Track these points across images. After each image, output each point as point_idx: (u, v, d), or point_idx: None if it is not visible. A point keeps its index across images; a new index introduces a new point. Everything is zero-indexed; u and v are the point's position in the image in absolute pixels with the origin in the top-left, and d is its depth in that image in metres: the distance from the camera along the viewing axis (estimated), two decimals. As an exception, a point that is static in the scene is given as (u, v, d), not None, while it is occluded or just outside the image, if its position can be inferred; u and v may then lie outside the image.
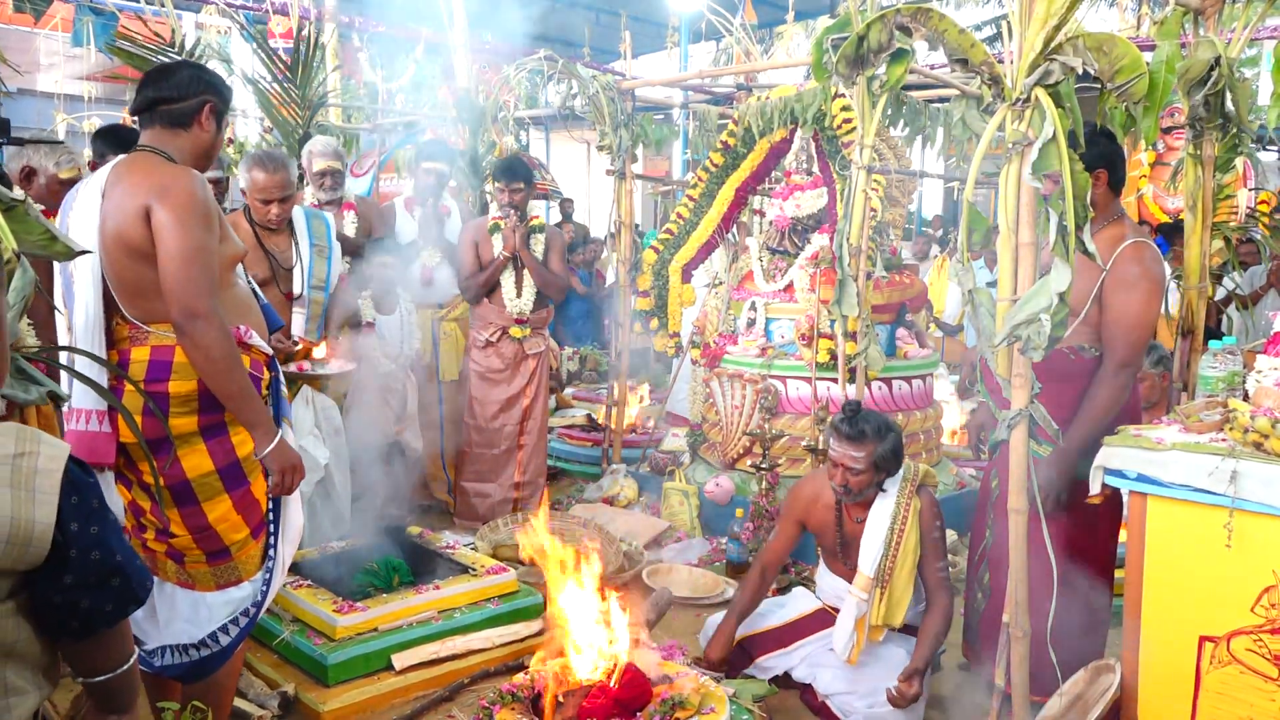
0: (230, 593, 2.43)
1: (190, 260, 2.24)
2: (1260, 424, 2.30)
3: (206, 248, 2.28)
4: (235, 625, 2.43)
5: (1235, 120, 3.39)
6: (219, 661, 2.42)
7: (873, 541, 2.95)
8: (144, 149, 2.39)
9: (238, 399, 2.34)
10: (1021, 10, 2.24)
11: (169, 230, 2.24)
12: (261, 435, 2.39)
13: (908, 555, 2.94)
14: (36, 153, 3.50)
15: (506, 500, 4.88)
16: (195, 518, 2.37)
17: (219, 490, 2.38)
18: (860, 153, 3.57)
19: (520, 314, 4.77)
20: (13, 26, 11.90)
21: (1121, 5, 13.03)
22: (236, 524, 2.41)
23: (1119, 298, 2.78)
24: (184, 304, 2.24)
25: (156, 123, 2.41)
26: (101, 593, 1.27)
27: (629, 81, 5.49)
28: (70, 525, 1.22)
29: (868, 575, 2.93)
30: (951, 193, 14.50)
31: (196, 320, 2.24)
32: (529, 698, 2.50)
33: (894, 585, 2.94)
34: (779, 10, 12.39)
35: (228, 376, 2.30)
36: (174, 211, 2.24)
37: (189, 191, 2.27)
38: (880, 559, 2.93)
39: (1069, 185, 2.20)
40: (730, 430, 4.83)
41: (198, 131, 2.43)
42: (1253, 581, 2.29)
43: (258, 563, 2.47)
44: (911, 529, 2.94)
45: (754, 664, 3.20)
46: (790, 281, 4.85)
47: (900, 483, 2.99)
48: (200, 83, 2.43)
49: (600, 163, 6.00)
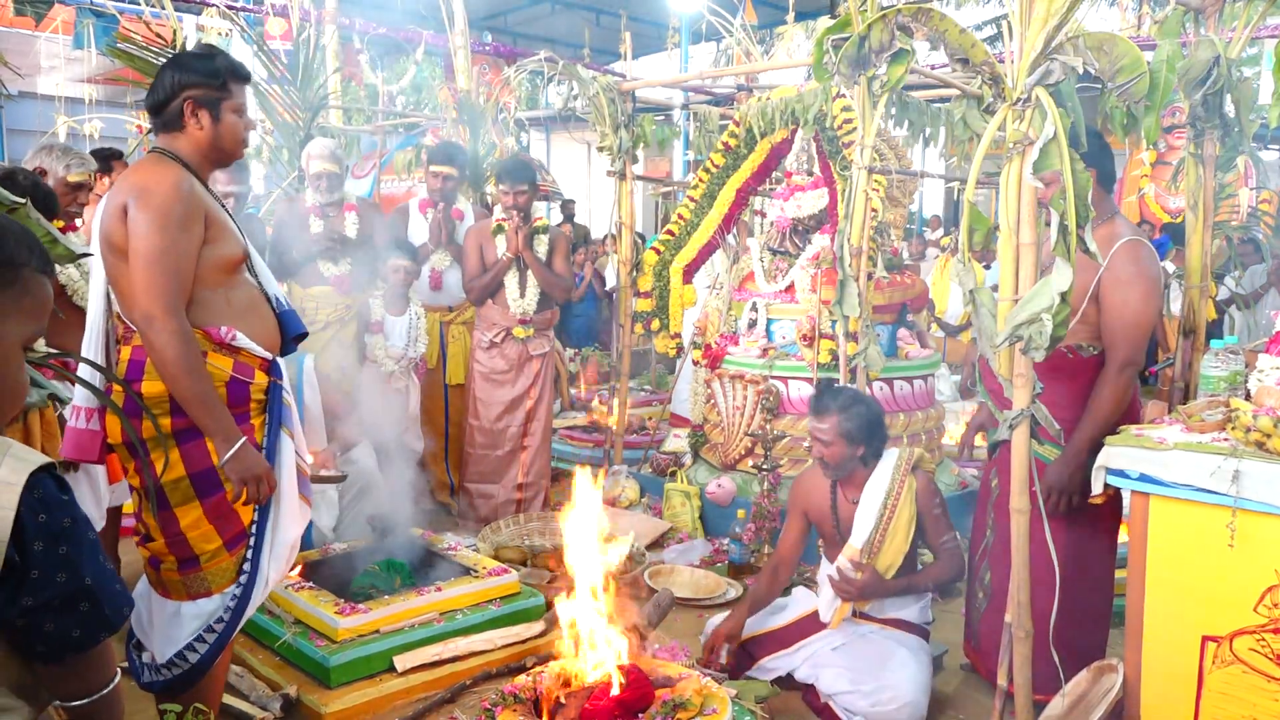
0: (200, 604, 2.37)
1: (153, 262, 2.22)
2: (1262, 423, 2.29)
3: (173, 250, 2.24)
4: (203, 642, 2.36)
5: (1235, 120, 3.38)
6: (195, 677, 2.37)
7: (866, 516, 3.06)
8: (153, 149, 2.40)
9: (193, 404, 2.28)
10: (1022, 10, 2.24)
11: (137, 230, 2.23)
12: (220, 442, 2.31)
13: (898, 531, 3.04)
14: (50, 155, 3.62)
15: (510, 501, 4.88)
16: (168, 523, 2.34)
17: (190, 496, 2.33)
18: (861, 153, 3.57)
19: (524, 315, 4.78)
20: (14, 29, 11.91)
21: (1122, 5, 13.03)
22: (208, 533, 2.35)
23: (1116, 297, 2.77)
24: (142, 306, 2.23)
25: (158, 129, 2.41)
26: (67, 617, 1.21)
27: (629, 82, 5.50)
28: (33, 545, 1.17)
29: (856, 546, 3.05)
30: (952, 193, 14.50)
31: (152, 322, 2.22)
32: (531, 699, 2.49)
33: (880, 558, 3.04)
34: (779, 11, 12.39)
35: (182, 381, 2.25)
36: (145, 211, 2.23)
37: (164, 193, 2.24)
38: (870, 532, 3.04)
39: (1070, 185, 2.20)
40: (732, 431, 4.83)
41: (193, 130, 2.39)
42: (1255, 581, 2.29)
43: (230, 576, 2.38)
44: (905, 505, 3.04)
45: (757, 665, 3.20)
46: (791, 282, 4.85)
47: (895, 462, 3.10)
48: (174, 81, 2.37)
49: (601, 164, 6.01)
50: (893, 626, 3.12)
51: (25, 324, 1.32)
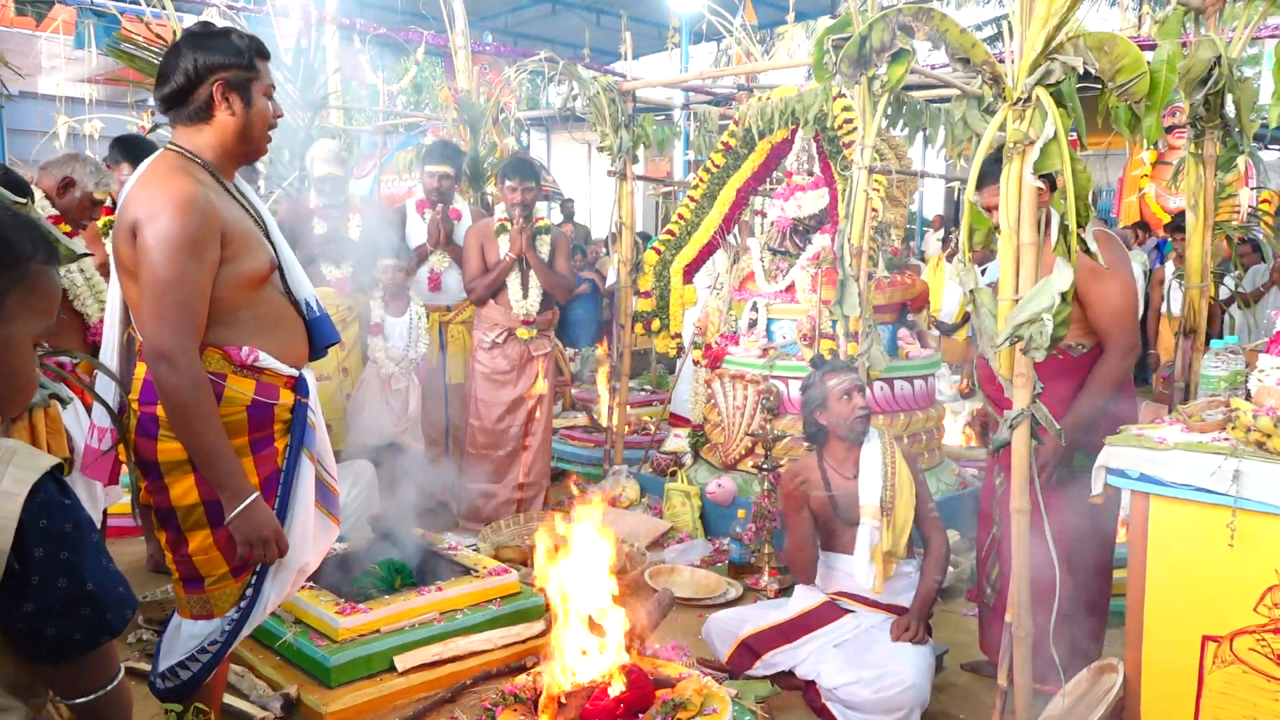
0: (200, 625, 2.27)
1: (161, 295, 2.03)
2: (1262, 423, 2.29)
3: (184, 281, 2.04)
4: (195, 661, 2.27)
5: (1235, 119, 3.38)
6: (189, 690, 2.31)
7: (870, 477, 3.21)
8: (171, 148, 2.19)
9: (200, 453, 2.11)
10: (1022, 10, 2.24)
11: (146, 258, 2.04)
12: (229, 497, 2.13)
13: (904, 486, 3.22)
14: (82, 167, 3.58)
15: (510, 501, 4.88)
16: (177, 544, 2.24)
17: (203, 523, 2.21)
18: (861, 153, 3.57)
19: (527, 315, 4.77)
20: (14, 29, 11.93)
21: (1122, 4, 13.03)
22: (215, 560, 2.23)
23: (1096, 290, 2.85)
24: (150, 342, 2.06)
25: (178, 123, 2.19)
26: (69, 621, 1.20)
27: (630, 82, 5.50)
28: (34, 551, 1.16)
29: (874, 504, 3.18)
30: (952, 192, 14.50)
31: (161, 361, 2.05)
32: (531, 699, 2.50)
33: (896, 513, 3.19)
34: (779, 11, 12.40)
35: (191, 426, 2.08)
36: (155, 238, 2.03)
37: (174, 216, 2.03)
38: (881, 490, 3.19)
39: (1070, 185, 2.20)
40: (732, 431, 4.83)
41: (223, 118, 2.16)
42: (1255, 581, 2.29)
43: (232, 601, 2.27)
44: (901, 465, 3.25)
45: (760, 660, 3.20)
46: (792, 282, 4.85)
47: (879, 431, 3.34)
48: (198, 63, 2.12)
49: (601, 164, 6.01)
50: (896, 614, 3.16)
51: (35, 321, 1.31)
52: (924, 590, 3.17)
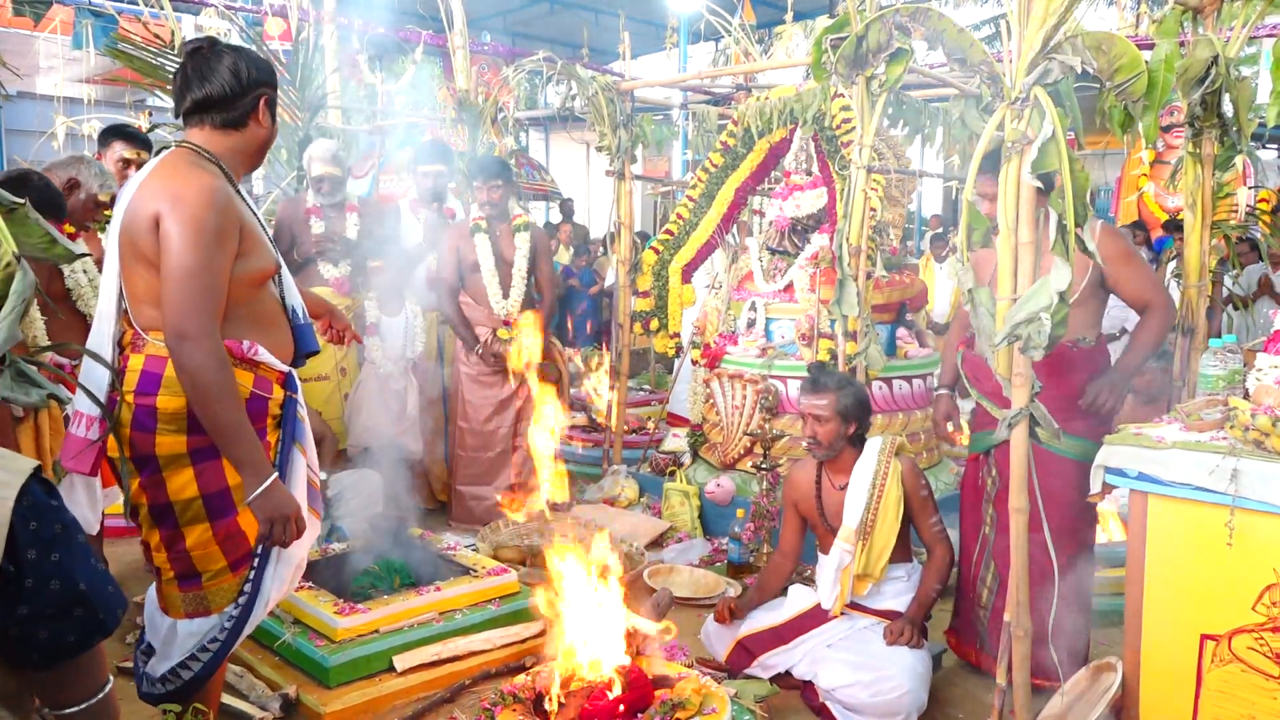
0: (197, 623, 2.27)
1: (188, 278, 2.08)
2: (1261, 422, 2.30)
3: (210, 266, 2.11)
4: (196, 660, 2.27)
5: (1233, 119, 3.39)
6: (190, 692, 2.30)
7: (856, 496, 3.12)
8: (186, 146, 2.24)
9: (224, 433, 2.14)
10: (1020, 9, 2.24)
11: (172, 244, 2.09)
12: (250, 476, 2.17)
13: (889, 510, 3.11)
14: (87, 170, 3.59)
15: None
16: (173, 540, 2.24)
17: (201, 517, 2.22)
18: (860, 152, 3.57)
19: (508, 315, 4.75)
20: (13, 30, 11.91)
21: (1120, 4, 13.03)
22: (213, 554, 2.24)
23: (1126, 273, 3.02)
24: (175, 323, 2.09)
25: (206, 124, 2.25)
26: (62, 623, 1.20)
27: (628, 82, 5.50)
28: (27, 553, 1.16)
29: (851, 527, 3.09)
30: (951, 192, 14.50)
31: (185, 342, 2.09)
32: (530, 699, 2.50)
33: (875, 538, 3.11)
34: (778, 10, 12.39)
35: (215, 406, 2.11)
36: (180, 225, 2.09)
37: (201, 204, 2.10)
38: (863, 512, 3.10)
39: (1068, 184, 2.20)
40: (731, 431, 4.83)
41: (254, 129, 2.28)
42: (1254, 580, 2.29)
43: (230, 597, 2.27)
44: (893, 486, 3.13)
45: (756, 662, 3.21)
46: (790, 282, 4.85)
47: (880, 446, 3.19)
48: (250, 75, 2.23)
49: (600, 163, 6.01)
50: (889, 619, 3.14)
51: None
52: (922, 596, 3.15)
